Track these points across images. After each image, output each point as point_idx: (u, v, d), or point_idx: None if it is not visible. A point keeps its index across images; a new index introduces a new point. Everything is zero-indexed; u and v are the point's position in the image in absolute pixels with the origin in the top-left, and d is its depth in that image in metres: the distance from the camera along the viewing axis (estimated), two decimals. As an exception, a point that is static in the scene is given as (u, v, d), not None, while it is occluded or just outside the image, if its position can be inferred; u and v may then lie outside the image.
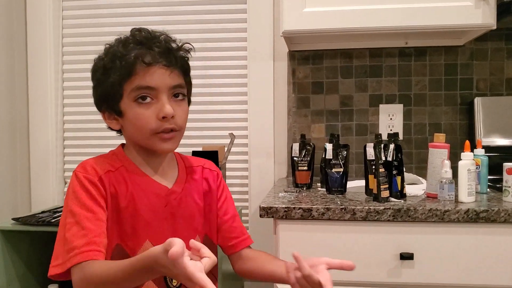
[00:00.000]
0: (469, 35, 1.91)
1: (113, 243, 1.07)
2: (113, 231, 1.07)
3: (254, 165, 2.17)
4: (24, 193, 2.29)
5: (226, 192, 1.29)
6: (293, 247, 1.42)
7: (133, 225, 1.08)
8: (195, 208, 1.18)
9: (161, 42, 1.07)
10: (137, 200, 1.09)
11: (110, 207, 1.07)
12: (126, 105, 1.07)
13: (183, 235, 1.10)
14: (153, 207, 1.10)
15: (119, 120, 1.11)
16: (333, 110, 2.11)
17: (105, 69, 1.07)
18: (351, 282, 1.40)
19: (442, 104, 2.05)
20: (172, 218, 1.13)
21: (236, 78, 2.22)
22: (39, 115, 2.29)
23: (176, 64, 1.08)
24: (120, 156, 1.15)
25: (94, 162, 1.11)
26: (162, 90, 1.05)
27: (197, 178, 1.22)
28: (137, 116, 1.06)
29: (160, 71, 1.05)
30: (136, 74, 1.04)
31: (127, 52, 1.05)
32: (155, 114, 1.05)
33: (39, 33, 2.28)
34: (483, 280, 1.36)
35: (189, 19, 2.24)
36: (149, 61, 1.04)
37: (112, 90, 1.06)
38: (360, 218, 1.37)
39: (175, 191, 1.15)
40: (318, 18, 1.73)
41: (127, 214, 1.08)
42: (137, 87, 1.04)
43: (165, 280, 1.11)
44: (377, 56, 2.08)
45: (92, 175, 1.06)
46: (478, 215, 1.33)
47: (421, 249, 1.37)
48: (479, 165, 1.56)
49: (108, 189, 1.07)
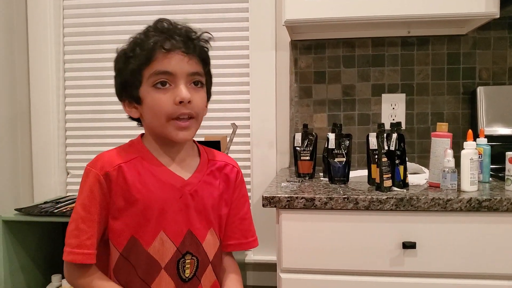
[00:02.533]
0: (472, 24, 1.90)
1: (128, 236, 1.09)
2: (127, 224, 1.08)
3: (256, 155, 2.17)
4: (26, 183, 2.30)
5: (242, 191, 1.27)
6: (295, 237, 1.42)
7: (147, 216, 1.09)
8: (210, 202, 1.17)
9: (181, 31, 1.09)
10: (151, 191, 1.09)
11: (121, 200, 1.08)
12: (145, 91, 1.08)
13: (196, 227, 1.13)
14: (167, 198, 1.11)
15: (138, 108, 1.12)
16: (335, 100, 2.11)
17: (126, 58, 1.09)
18: (354, 271, 1.41)
19: (444, 93, 2.05)
20: (187, 209, 1.13)
21: (238, 68, 2.21)
22: (41, 106, 2.29)
23: (195, 52, 1.09)
24: (137, 145, 1.15)
25: (107, 156, 1.12)
26: (180, 75, 1.06)
27: (217, 172, 1.22)
28: (154, 101, 1.07)
29: (179, 57, 1.06)
30: (155, 60, 1.05)
31: (147, 39, 1.07)
32: (172, 99, 1.06)
33: (39, 24, 2.27)
34: (486, 269, 1.37)
35: (190, 8, 2.22)
36: (168, 47, 1.05)
37: (131, 77, 1.08)
38: (363, 208, 1.37)
39: (190, 182, 1.14)
40: (321, 7, 1.72)
41: (141, 205, 1.08)
42: (155, 72, 1.05)
43: (177, 271, 1.12)
44: (380, 46, 2.07)
45: (100, 170, 1.08)
46: (481, 204, 1.33)
47: (424, 238, 1.37)
48: (482, 154, 1.56)
49: (116, 184, 1.08)
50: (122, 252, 1.10)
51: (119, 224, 1.09)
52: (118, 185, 1.08)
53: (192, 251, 1.13)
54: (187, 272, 1.13)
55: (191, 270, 1.13)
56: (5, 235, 1.80)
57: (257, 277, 2.19)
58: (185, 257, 1.12)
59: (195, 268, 1.14)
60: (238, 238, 1.25)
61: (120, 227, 1.09)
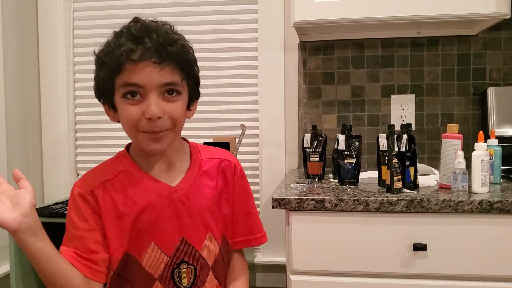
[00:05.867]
0: (482, 24, 1.89)
1: (121, 252, 1.07)
2: (118, 241, 1.07)
3: (265, 156, 2.17)
4: (36, 185, 2.31)
5: (243, 186, 1.23)
6: (305, 238, 1.42)
7: (136, 229, 1.07)
8: (206, 204, 1.14)
9: (154, 36, 1.00)
10: (138, 204, 1.07)
11: (109, 217, 1.06)
12: (117, 100, 1.04)
13: (190, 233, 1.10)
14: (155, 209, 1.08)
15: (115, 114, 1.09)
16: (344, 101, 2.10)
17: (99, 62, 1.05)
18: (364, 273, 1.41)
19: (454, 94, 2.04)
20: (177, 217, 1.10)
21: (247, 69, 2.21)
22: (51, 108, 2.31)
23: (169, 60, 1.00)
24: (122, 158, 1.13)
25: (92, 173, 1.11)
26: (150, 88, 1.00)
27: (212, 171, 1.18)
28: (124, 112, 1.02)
29: (149, 69, 0.99)
30: (125, 70, 0.99)
31: (117, 47, 1.00)
32: (141, 111, 1.01)
33: (49, 25, 2.28)
34: (497, 271, 1.36)
35: (200, 10, 2.23)
36: (137, 57, 0.98)
37: (104, 84, 1.04)
38: (373, 209, 1.36)
39: (179, 188, 1.11)
40: (330, 8, 1.72)
41: (129, 220, 1.07)
42: (124, 83, 1.00)
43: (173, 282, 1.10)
44: (389, 46, 2.07)
45: (85, 189, 1.07)
46: (492, 206, 1.32)
47: (434, 240, 1.37)
48: (493, 155, 1.55)
49: (103, 201, 1.06)
50: (116, 270, 1.08)
51: (111, 242, 1.06)
52: (106, 203, 1.06)
53: (188, 260, 1.10)
54: (184, 282, 1.10)
55: (188, 279, 1.11)
56: (16, 236, 1.81)
57: (266, 278, 2.19)
58: (180, 266, 1.10)
59: (193, 276, 1.11)
60: (246, 235, 1.23)
61: (113, 245, 1.07)
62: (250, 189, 1.26)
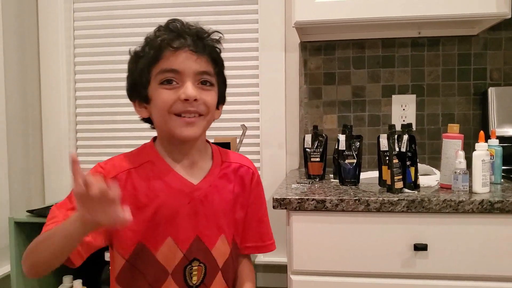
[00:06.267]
0: (483, 24, 1.89)
1: (135, 242, 1.07)
2: (134, 230, 1.07)
3: (266, 157, 2.17)
4: (38, 185, 2.31)
5: (258, 193, 1.26)
6: (306, 239, 1.42)
7: (154, 222, 1.08)
8: (222, 206, 1.15)
9: (192, 30, 1.07)
10: (159, 197, 1.08)
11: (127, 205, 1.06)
12: (153, 89, 1.07)
13: (204, 234, 1.11)
14: (175, 204, 1.09)
15: (147, 108, 1.10)
16: (345, 101, 2.10)
17: (136, 57, 1.09)
18: (365, 273, 1.41)
19: (455, 94, 2.04)
20: (195, 215, 1.11)
21: (248, 70, 2.21)
22: (52, 109, 2.31)
23: (204, 51, 1.07)
24: (148, 149, 1.15)
25: (118, 159, 1.12)
26: (187, 74, 1.05)
27: (231, 175, 1.19)
28: (161, 98, 1.05)
29: (186, 55, 1.04)
30: (163, 58, 1.04)
31: (156, 38, 1.06)
32: (177, 95, 1.04)
33: (50, 25, 2.29)
34: (498, 271, 1.36)
35: (201, 11, 2.23)
36: (176, 45, 1.04)
37: (140, 76, 1.07)
38: (374, 210, 1.36)
39: (200, 187, 1.13)
40: (330, 9, 1.72)
41: (148, 211, 1.07)
42: (163, 70, 1.04)
43: (184, 278, 1.11)
44: (390, 46, 2.07)
45: (108, 172, 1.07)
46: (493, 206, 1.32)
47: (435, 240, 1.37)
48: (493, 155, 1.55)
49: (124, 188, 1.06)
50: (129, 259, 1.09)
51: (126, 230, 1.07)
52: (126, 190, 1.07)
53: (200, 258, 1.12)
54: (194, 279, 1.12)
55: (198, 277, 1.12)
56: (17, 236, 1.81)
57: (267, 278, 2.19)
58: (192, 263, 1.11)
59: (202, 275, 1.13)
60: (256, 241, 1.25)
61: (126, 233, 1.07)
62: (264, 197, 1.29)
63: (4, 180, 2.06)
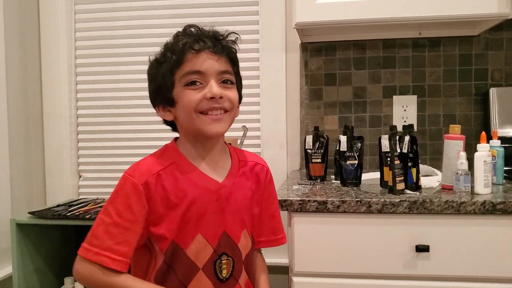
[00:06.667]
0: (484, 25, 1.89)
1: (169, 241, 1.10)
2: (168, 229, 1.09)
3: (267, 158, 2.17)
4: (39, 187, 2.31)
5: (271, 190, 1.30)
6: (308, 240, 1.42)
7: (185, 220, 1.10)
8: (243, 203, 1.19)
9: (209, 33, 1.12)
10: (189, 196, 1.11)
11: (161, 207, 1.09)
12: (178, 92, 1.10)
13: (230, 229, 1.16)
14: (204, 202, 1.12)
15: (172, 111, 1.13)
16: (346, 102, 2.10)
17: (158, 63, 1.12)
18: (366, 274, 1.41)
19: (456, 95, 2.04)
20: (221, 212, 1.14)
21: (248, 71, 2.21)
22: (53, 110, 2.31)
23: (223, 52, 1.12)
24: (172, 151, 1.16)
25: (146, 163, 1.13)
26: (210, 74, 1.09)
27: (249, 173, 1.23)
28: (187, 98, 1.08)
29: (208, 56, 1.09)
30: (186, 61, 1.08)
31: (177, 43, 1.10)
32: (203, 95, 1.08)
33: (51, 27, 2.29)
34: (500, 272, 1.35)
35: (201, 12, 2.23)
36: (197, 47, 1.08)
37: (164, 80, 1.10)
38: (376, 211, 1.36)
39: (225, 185, 1.16)
40: (331, 10, 1.72)
41: (180, 210, 1.10)
42: (187, 72, 1.08)
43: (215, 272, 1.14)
44: (391, 47, 2.07)
45: (138, 179, 1.08)
46: (495, 207, 1.32)
47: (437, 241, 1.36)
48: (495, 156, 1.55)
49: (155, 191, 1.09)
50: (165, 256, 1.11)
51: (161, 230, 1.09)
52: (157, 193, 1.09)
53: (228, 252, 1.15)
54: (224, 272, 1.15)
55: (227, 270, 1.16)
56: (18, 238, 1.81)
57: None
58: (221, 258, 1.14)
59: (231, 268, 1.16)
60: (268, 235, 1.28)
61: (161, 232, 1.10)
62: (276, 193, 1.33)
63: (6, 181, 2.06)
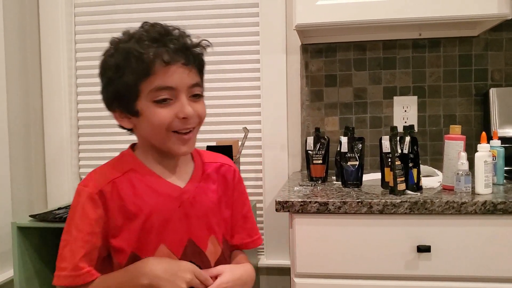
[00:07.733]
0: (483, 25, 1.89)
1: (128, 253, 1.06)
2: (126, 241, 1.06)
3: (268, 159, 2.17)
4: (39, 189, 2.31)
5: (241, 190, 1.25)
6: (309, 241, 1.42)
7: (146, 230, 1.06)
8: (210, 207, 1.15)
9: (177, 39, 1.03)
10: (148, 204, 1.06)
11: (118, 217, 1.05)
12: (144, 105, 1.03)
13: (196, 236, 1.11)
14: (166, 209, 1.08)
15: (131, 119, 1.07)
16: (347, 103, 2.10)
17: (118, 68, 1.03)
18: (368, 275, 1.41)
19: (456, 95, 2.04)
20: (187, 218, 1.10)
21: (249, 72, 2.22)
22: (54, 112, 2.31)
23: (194, 62, 1.05)
24: (129, 157, 1.12)
25: (99, 172, 1.10)
26: (181, 89, 1.03)
27: (213, 175, 1.19)
28: (155, 115, 1.02)
29: (180, 70, 1.02)
30: (155, 74, 1.00)
31: (143, 50, 1.00)
32: (173, 113, 1.02)
33: (51, 29, 2.28)
34: (501, 272, 1.36)
35: (201, 14, 2.23)
36: (168, 60, 1.00)
37: (126, 90, 1.03)
38: (377, 211, 1.36)
39: (188, 190, 1.12)
40: (331, 11, 1.72)
41: (139, 220, 1.05)
42: (156, 88, 1.01)
43: None
44: (391, 48, 2.07)
45: (92, 188, 1.05)
46: (496, 207, 1.32)
47: (438, 242, 1.37)
48: (496, 156, 1.55)
49: (111, 200, 1.05)
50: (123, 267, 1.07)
51: (119, 242, 1.06)
52: (114, 202, 1.05)
53: (195, 261, 1.10)
54: None
55: None
56: (19, 241, 1.81)
57: (270, 281, 2.19)
58: None
59: None
60: (243, 238, 1.24)
61: (120, 245, 1.06)
62: (246, 192, 1.28)
63: (6, 184, 2.06)
